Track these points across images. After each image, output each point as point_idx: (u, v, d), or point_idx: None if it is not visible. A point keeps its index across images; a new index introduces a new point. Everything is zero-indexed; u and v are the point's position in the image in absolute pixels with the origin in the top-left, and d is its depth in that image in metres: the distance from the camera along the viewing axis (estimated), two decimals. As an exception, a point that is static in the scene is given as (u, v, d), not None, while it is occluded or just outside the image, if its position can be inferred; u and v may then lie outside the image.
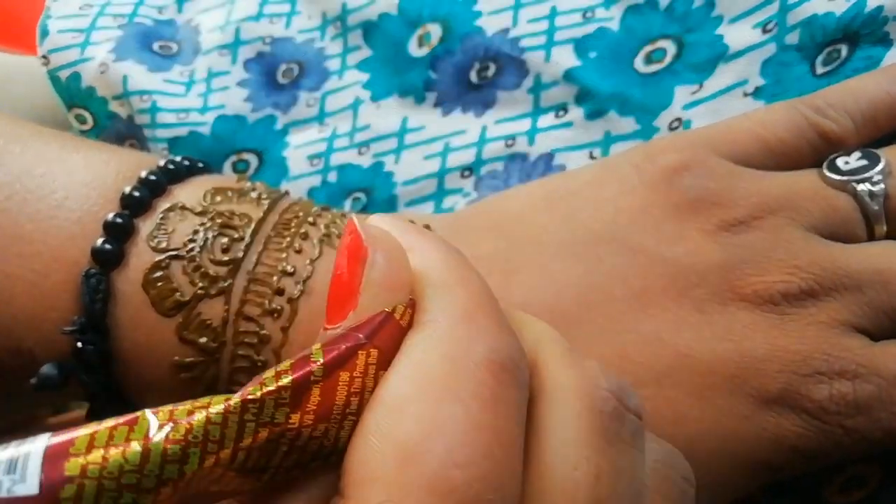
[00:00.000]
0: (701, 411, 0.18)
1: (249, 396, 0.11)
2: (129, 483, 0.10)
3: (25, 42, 0.35)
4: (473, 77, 0.27)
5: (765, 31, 0.23)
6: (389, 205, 0.26)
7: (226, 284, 0.20)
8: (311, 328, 0.20)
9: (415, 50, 0.28)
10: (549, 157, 0.25)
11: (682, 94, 0.24)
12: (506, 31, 0.26)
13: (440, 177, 0.26)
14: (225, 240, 0.20)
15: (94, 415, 0.22)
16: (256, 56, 0.29)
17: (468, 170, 0.26)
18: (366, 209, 0.26)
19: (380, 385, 0.12)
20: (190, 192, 0.22)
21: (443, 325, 0.13)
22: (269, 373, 0.12)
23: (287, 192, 0.23)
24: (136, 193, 0.21)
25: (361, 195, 0.27)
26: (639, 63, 0.25)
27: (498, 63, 0.26)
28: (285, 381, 0.12)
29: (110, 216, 0.20)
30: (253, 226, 0.21)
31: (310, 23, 0.30)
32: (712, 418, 0.18)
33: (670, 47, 0.25)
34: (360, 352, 0.12)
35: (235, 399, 0.11)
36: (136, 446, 0.11)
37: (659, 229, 0.19)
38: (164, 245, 0.20)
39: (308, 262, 0.20)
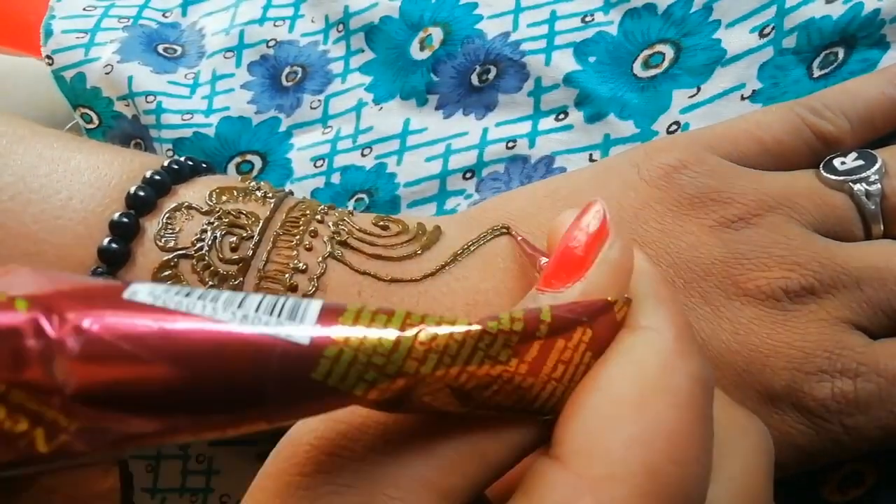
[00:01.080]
0: None
1: (488, 329, 0.12)
2: (375, 364, 0.12)
3: (27, 42, 0.35)
4: (475, 80, 0.27)
5: (762, 35, 0.24)
6: (392, 206, 0.26)
7: (236, 282, 0.20)
8: None
9: (416, 53, 0.28)
10: (549, 159, 0.25)
11: (679, 97, 0.24)
12: (506, 34, 0.27)
13: (442, 178, 0.26)
14: (233, 238, 0.21)
15: None
16: (260, 59, 0.30)
17: (470, 171, 0.26)
18: (368, 210, 0.26)
19: (597, 372, 0.13)
20: (195, 192, 0.22)
21: (664, 336, 0.14)
22: (505, 315, 0.13)
23: (291, 192, 0.23)
24: (142, 193, 0.21)
25: (364, 196, 0.27)
26: (637, 68, 0.25)
27: (499, 66, 0.26)
28: (518, 326, 0.13)
29: (116, 216, 0.21)
30: (261, 224, 0.21)
31: (313, 26, 0.30)
32: None
33: (668, 51, 0.25)
34: (579, 327, 0.13)
35: (476, 327, 0.12)
36: (391, 334, 0.12)
37: (661, 223, 0.20)
38: (171, 244, 0.20)
39: (320, 259, 0.20)
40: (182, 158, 0.23)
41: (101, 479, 0.28)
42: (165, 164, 0.22)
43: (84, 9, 0.32)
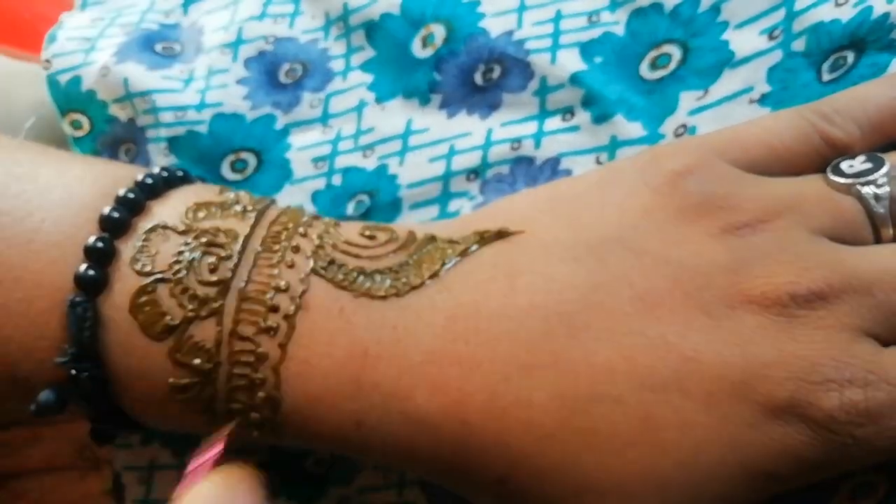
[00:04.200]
0: (707, 418, 0.18)
1: None
2: None
3: (26, 42, 0.35)
4: (478, 79, 0.26)
5: (771, 37, 0.23)
6: (394, 207, 0.26)
7: (216, 305, 0.19)
8: (310, 342, 0.19)
9: (418, 51, 0.27)
10: (555, 161, 0.25)
11: (687, 99, 0.24)
12: (510, 32, 0.26)
13: (445, 180, 0.26)
14: (212, 259, 0.20)
15: (97, 434, 0.22)
16: (258, 54, 0.29)
17: (474, 173, 0.25)
18: (369, 211, 0.26)
19: None
20: (171, 209, 0.21)
21: None
22: None
23: (273, 201, 0.23)
24: (116, 214, 0.20)
25: (365, 198, 0.26)
26: (644, 69, 0.25)
27: (503, 65, 0.26)
28: None
29: (91, 240, 0.20)
30: (240, 242, 0.20)
31: (313, 23, 0.29)
32: (718, 426, 0.17)
33: (675, 52, 0.25)
34: None
35: None
36: None
37: (663, 232, 0.19)
38: (148, 269, 0.20)
39: (302, 276, 0.20)
40: (156, 170, 0.22)
41: (77, 484, 0.27)
42: (139, 178, 0.21)
43: (92, 21, 0.31)
